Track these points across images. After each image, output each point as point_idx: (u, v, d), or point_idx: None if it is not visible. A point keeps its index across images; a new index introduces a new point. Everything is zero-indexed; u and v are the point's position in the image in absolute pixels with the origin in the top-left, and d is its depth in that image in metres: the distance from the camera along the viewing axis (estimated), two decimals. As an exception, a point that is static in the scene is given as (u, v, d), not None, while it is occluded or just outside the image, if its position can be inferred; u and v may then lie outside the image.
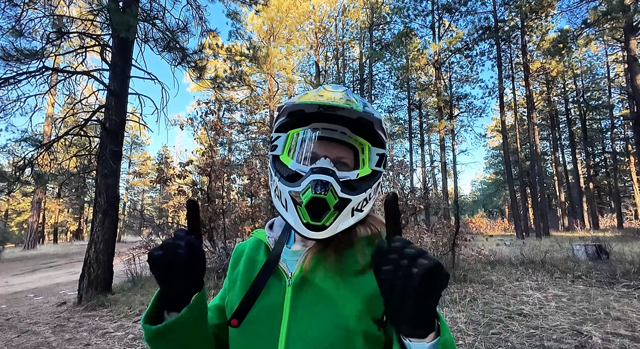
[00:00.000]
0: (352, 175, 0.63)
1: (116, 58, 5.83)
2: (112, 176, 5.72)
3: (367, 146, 0.66)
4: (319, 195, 0.58)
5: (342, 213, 0.61)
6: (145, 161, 35.07)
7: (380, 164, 0.67)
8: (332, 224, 0.61)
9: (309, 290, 0.62)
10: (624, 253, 7.03)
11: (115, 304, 4.88)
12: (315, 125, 0.66)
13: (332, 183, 0.59)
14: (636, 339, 2.95)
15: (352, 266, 0.63)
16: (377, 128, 0.66)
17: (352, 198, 0.61)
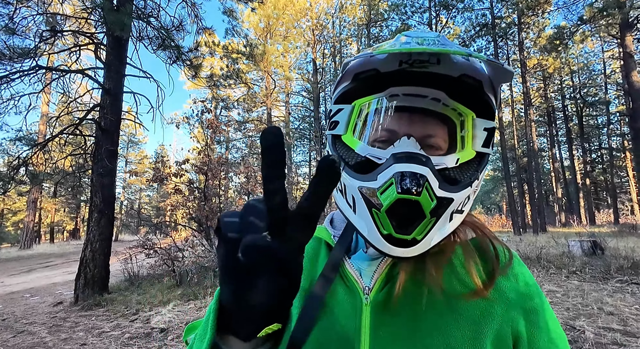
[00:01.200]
0: (450, 161, 0.44)
1: (111, 56, 5.79)
2: (108, 175, 5.70)
3: (471, 117, 0.45)
4: (410, 196, 0.39)
5: (441, 219, 0.42)
6: (142, 159, 34.98)
7: (489, 144, 0.46)
8: (425, 237, 0.42)
9: (398, 315, 0.44)
10: (619, 248, 7.09)
11: (112, 304, 4.88)
12: (394, 89, 0.45)
13: (428, 177, 0.40)
14: (628, 333, 2.98)
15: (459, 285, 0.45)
16: (488, 90, 0.45)
17: (454, 196, 0.42)
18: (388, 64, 0.45)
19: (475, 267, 0.46)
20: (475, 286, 0.44)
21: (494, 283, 0.45)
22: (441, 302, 0.44)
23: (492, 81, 0.45)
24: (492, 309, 0.43)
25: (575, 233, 13.61)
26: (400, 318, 0.44)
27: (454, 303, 0.44)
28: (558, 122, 28.37)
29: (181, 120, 9.75)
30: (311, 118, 23.31)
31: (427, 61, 0.43)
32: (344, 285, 0.49)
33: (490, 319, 0.43)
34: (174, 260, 6.43)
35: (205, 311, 3.27)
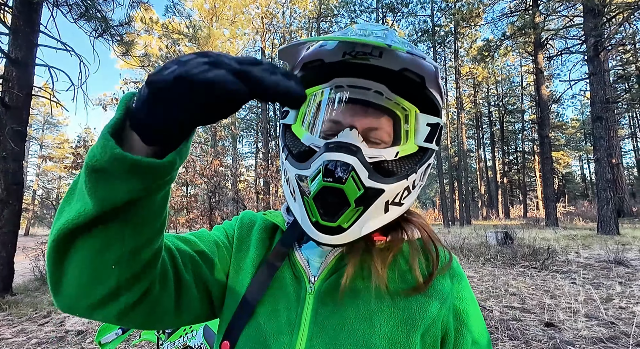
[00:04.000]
0: (389, 153, 0.45)
1: (19, 21, 4.95)
2: (14, 160, 4.92)
3: (414, 112, 0.46)
4: (334, 184, 0.41)
5: (370, 209, 0.43)
6: (62, 144, 30.87)
7: (432, 139, 0.47)
8: (352, 225, 0.43)
9: (340, 305, 0.45)
10: (524, 238, 8.20)
11: (17, 307, 4.27)
12: (337, 80, 0.46)
13: (355, 165, 0.41)
14: (524, 310, 3.49)
15: (401, 281, 0.47)
16: (431, 86, 0.46)
17: (385, 187, 0.43)
18: (333, 55, 0.45)
19: (418, 265, 0.48)
20: (416, 283, 0.46)
21: (432, 281, 0.47)
22: (383, 295, 0.45)
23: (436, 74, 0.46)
24: (428, 306, 0.46)
25: (493, 225, 15.42)
26: (341, 308, 0.45)
27: (395, 297, 0.46)
28: (484, 126, 31.68)
29: (111, 102, 8.81)
30: (258, 109, 22.76)
31: (370, 53, 0.44)
32: (291, 272, 0.50)
33: (424, 314, 0.45)
34: (98, 256, 5.84)
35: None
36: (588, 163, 37.13)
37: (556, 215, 13.97)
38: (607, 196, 9.96)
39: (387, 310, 0.45)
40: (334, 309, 0.45)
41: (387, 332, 0.43)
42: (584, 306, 3.45)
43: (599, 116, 10.39)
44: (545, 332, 2.88)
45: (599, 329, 2.89)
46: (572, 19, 13.56)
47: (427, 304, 0.45)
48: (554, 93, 23.55)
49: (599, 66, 10.54)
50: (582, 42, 11.92)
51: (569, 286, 4.27)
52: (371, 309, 0.45)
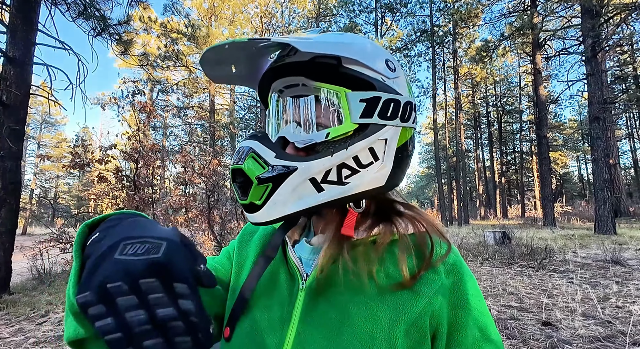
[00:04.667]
0: (319, 136, 0.46)
1: (16, 19, 4.93)
2: (12, 158, 4.90)
3: (343, 93, 0.46)
4: (235, 165, 0.46)
5: (283, 186, 0.44)
6: (60, 143, 30.73)
7: (371, 113, 0.46)
8: (266, 202, 0.45)
9: (329, 301, 0.47)
10: (522, 238, 8.24)
11: (14, 306, 4.26)
12: (275, 84, 0.51)
13: (255, 147, 0.45)
14: (522, 309, 3.50)
15: (390, 276, 0.47)
16: (349, 64, 0.46)
17: (298, 164, 0.44)
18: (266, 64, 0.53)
19: (407, 260, 0.47)
20: (402, 278, 0.46)
21: (421, 276, 0.47)
22: (371, 291, 0.46)
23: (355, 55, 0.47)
24: (415, 301, 0.45)
25: (491, 225, 15.48)
26: (330, 304, 0.46)
27: (382, 292, 0.46)
28: (482, 126, 31.77)
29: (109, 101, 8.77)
30: (257, 108, 22.74)
31: (286, 55, 0.49)
32: (286, 270, 0.52)
33: (409, 310, 0.45)
34: (96, 255, 5.82)
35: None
36: (585, 164, 37.31)
37: (554, 215, 14.03)
38: (605, 196, 10.01)
39: (373, 305, 0.45)
40: (323, 306, 0.46)
41: (371, 327, 0.43)
42: (581, 305, 3.47)
43: (597, 116, 10.43)
44: (542, 331, 2.90)
45: (596, 328, 2.91)
46: (570, 20, 13.61)
47: (413, 300, 0.45)
48: (551, 93, 23.63)
49: (596, 67, 10.58)
50: (579, 43, 11.96)
51: (567, 286, 4.29)
52: (358, 304, 0.45)
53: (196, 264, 0.31)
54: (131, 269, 0.27)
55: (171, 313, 0.27)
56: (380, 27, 21.70)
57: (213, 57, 0.49)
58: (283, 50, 0.50)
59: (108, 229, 0.35)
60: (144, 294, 0.27)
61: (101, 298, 0.27)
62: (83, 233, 0.38)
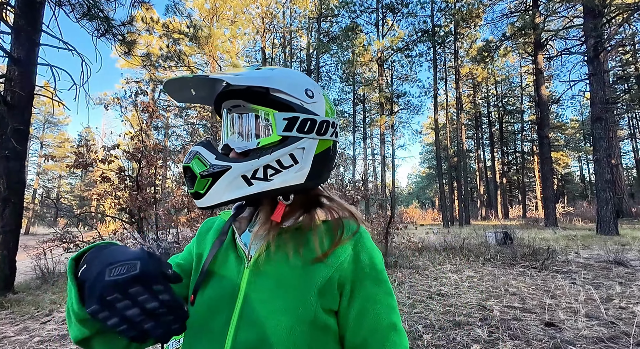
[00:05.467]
0: (252, 144, 0.62)
1: (21, 20, 4.96)
2: (16, 158, 4.92)
3: (272, 113, 0.62)
4: (185, 164, 0.62)
5: (221, 180, 0.59)
6: (63, 143, 30.82)
7: (291, 128, 0.61)
8: (208, 191, 0.60)
9: (266, 274, 0.61)
10: (524, 238, 8.23)
11: (18, 305, 4.28)
12: (224, 104, 0.67)
13: (200, 151, 0.61)
14: (525, 309, 3.50)
15: (309, 254, 0.62)
16: (275, 93, 0.62)
17: (231, 165, 0.59)
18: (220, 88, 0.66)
19: (321, 241, 0.63)
20: (316, 255, 0.61)
21: (333, 252, 0.62)
22: (297, 265, 0.61)
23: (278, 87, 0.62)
24: (326, 270, 0.61)
25: (492, 225, 15.46)
26: (267, 276, 0.61)
27: (305, 265, 0.61)
28: (483, 126, 31.72)
29: (112, 101, 8.80)
30: (258, 109, 22.68)
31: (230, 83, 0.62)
32: (235, 254, 0.66)
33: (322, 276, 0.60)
34: (99, 255, 5.83)
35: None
36: (587, 164, 37.21)
37: (555, 216, 14.00)
38: (607, 196, 9.99)
39: (297, 276, 0.60)
40: (262, 278, 0.61)
41: (296, 294, 0.58)
42: (584, 306, 3.47)
43: (599, 117, 10.41)
44: (545, 332, 2.90)
45: (599, 329, 2.91)
46: (572, 20, 13.58)
47: (324, 269, 0.60)
48: (553, 93, 23.58)
49: (598, 67, 10.56)
50: (582, 43, 11.94)
51: (569, 286, 4.29)
52: (288, 278, 0.60)
53: (164, 269, 0.44)
54: (120, 283, 0.40)
55: (156, 305, 0.40)
56: (382, 27, 21.70)
57: (174, 86, 0.65)
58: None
59: (92, 259, 0.46)
60: (134, 297, 0.40)
61: (104, 306, 0.39)
62: (72, 266, 0.51)
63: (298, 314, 0.57)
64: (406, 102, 25.07)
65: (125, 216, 7.18)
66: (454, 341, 2.78)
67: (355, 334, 0.60)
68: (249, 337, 0.56)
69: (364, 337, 0.59)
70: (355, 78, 24.21)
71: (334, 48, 21.06)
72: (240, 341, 0.57)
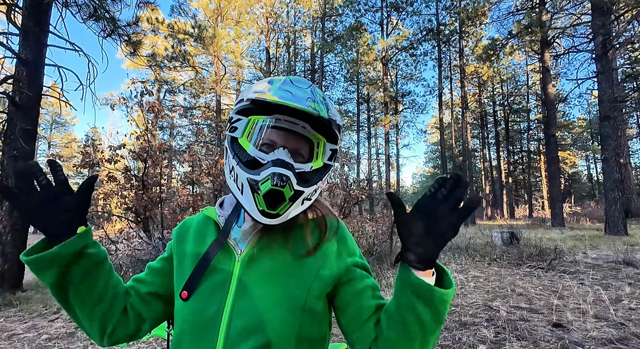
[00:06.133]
0: (307, 167, 0.67)
1: (29, 22, 5.01)
2: (24, 158, 4.98)
3: (323, 141, 0.70)
4: (279, 188, 0.62)
5: (296, 203, 0.66)
6: (70, 143, 31.18)
7: (331, 158, 0.72)
8: (285, 212, 0.65)
9: (257, 267, 0.66)
10: (530, 238, 8.15)
11: (27, 303, 4.33)
12: (278, 116, 0.68)
13: (291, 177, 0.63)
14: (532, 310, 3.47)
15: (299, 248, 0.68)
16: (334, 128, 0.70)
17: (305, 190, 0.65)
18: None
19: (310, 236, 0.70)
20: (307, 249, 0.68)
21: (320, 246, 0.69)
22: (288, 259, 0.67)
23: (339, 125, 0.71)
24: (315, 264, 0.67)
25: (498, 225, 15.33)
26: (256, 270, 0.66)
27: (296, 259, 0.67)
28: (489, 125, 31.46)
29: (117, 102, 8.87)
30: (263, 109, 22.71)
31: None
32: (224, 249, 0.70)
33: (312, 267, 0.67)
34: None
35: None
36: (595, 163, 36.75)
37: (562, 215, 13.85)
38: (615, 196, 9.85)
39: (288, 268, 0.66)
40: (252, 271, 0.66)
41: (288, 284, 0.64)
42: (592, 307, 3.43)
43: (607, 115, 10.27)
44: (553, 332, 2.87)
45: (608, 330, 2.87)
46: (580, 17, 13.41)
47: (314, 262, 0.67)
48: (560, 92, 23.34)
49: (607, 65, 10.41)
50: (589, 40, 11.78)
51: (577, 287, 4.24)
52: (279, 270, 0.66)
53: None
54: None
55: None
56: (386, 26, 21.61)
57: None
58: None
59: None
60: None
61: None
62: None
63: (289, 302, 0.63)
64: (411, 101, 24.95)
65: (131, 215, 7.24)
66: (460, 341, 2.76)
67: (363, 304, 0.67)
68: (243, 325, 0.61)
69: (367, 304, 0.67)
70: (359, 77, 24.14)
71: (338, 47, 21.01)
72: (234, 330, 0.61)
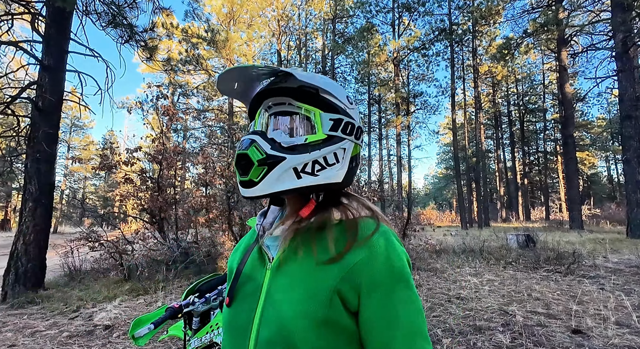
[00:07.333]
0: (300, 140, 0.64)
1: (51, 29, 5.21)
2: (46, 161, 5.17)
3: (318, 112, 0.65)
4: (241, 150, 0.62)
5: (275, 170, 0.61)
6: (88, 146, 32.08)
7: (336, 129, 0.65)
8: (262, 180, 0.62)
9: (283, 274, 0.63)
10: (547, 241, 7.95)
11: (48, 301, 4.48)
12: (266, 101, 0.68)
13: (256, 140, 0.62)
14: (550, 315, 3.38)
15: (324, 255, 0.62)
16: (323, 94, 0.66)
17: (286, 156, 0.61)
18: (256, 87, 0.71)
19: (335, 242, 0.62)
20: (332, 255, 0.61)
21: (348, 252, 0.61)
22: (311, 265, 0.62)
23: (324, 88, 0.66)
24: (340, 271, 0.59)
25: (513, 228, 14.98)
26: (282, 278, 0.63)
27: (318, 265, 0.61)
28: (503, 126, 30.82)
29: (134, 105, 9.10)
30: (274, 111, 22.89)
31: (279, 81, 0.67)
32: (260, 256, 0.69)
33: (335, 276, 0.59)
34: (122, 254, 6.04)
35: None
36: (615, 164, 35.50)
37: (581, 218, 13.44)
38: (638, 198, 9.51)
39: (309, 276, 0.61)
40: (281, 277, 0.63)
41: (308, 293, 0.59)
42: (614, 313, 3.32)
43: (629, 115, 9.94)
44: (572, 339, 2.79)
45: (631, 337, 2.77)
46: (599, 14, 13.03)
47: (338, 270, 0.59)
48: (578, 91, 22.68)
49: (628, 62, 10.08)
50: (609, 38, 11.44)
51: (598, 292, 4.11)
52: (302, 277, 0.61)
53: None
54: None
55: None
56: (398, 27, 21.48)
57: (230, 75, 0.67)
58: (279, 77, 0.67)
59: None
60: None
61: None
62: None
63: (310, 313, 0.57)
64: (423, 102, 24.69)
65: (146, 216, 7.40)
66: (475, 346, 2.72)
67: (377, 339, 0.58)
68: (269, 335, 0.60)
69: (386, 342, 0.57)
70: (370, 78, 24.04)
71: (349, 49, 20.99)
72: (262, 339, 0.60)
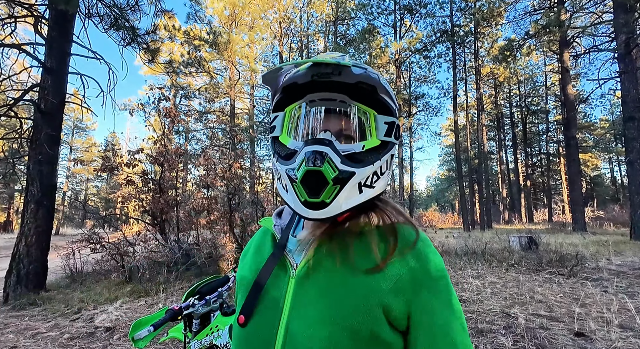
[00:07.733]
0: (357, 147, 0.57)
1: (53, 32, 5.25)
2: (48, 163, 5.19)
3: (372, 114, 0.58)
4: (314, 167, 0.52)
5: (346, 187, 0.54)
6: (90, 147, 32.26)
7: (390, 134, 0.59)
8: (333, 200, 0.54)
9: (313, 284, 0.56)
10: (550, 243, 7.90)
11: (50, 303, 4.49)
12: (310, 96, 0.58)
13: (329, 153, 0.53)
14: (552, 318, 3.35)
15: (363, 262, 0.55)
16: (382, 93, 0.58)
17: (356, 170, 0.54)
18: (304, 77, 0.57)
19: (376, 248, 0.56)
20: (374, 263, 0.54)
21: (390, 261, 0.55)
22: (347, 274, 0.54)
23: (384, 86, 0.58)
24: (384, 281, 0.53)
25: (516, 229, 14.93)
26: (312, 288, 0.55)
27: (357, 275, 0.54)
28: (505, 127, 30.75)
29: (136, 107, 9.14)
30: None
31: (331, 73, 0.56)
32: (282, 263, 0.61)
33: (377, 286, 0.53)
34: (124, 255, 6.05)
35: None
36: (619, 166, 35.33)
37: (584, 220, 13.37)
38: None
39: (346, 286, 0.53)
40: (308, 287, 0.56)
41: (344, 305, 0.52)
42: (617, 316, 3.29)
43: (631, 116, 9.89)
44: (575, 342, 2.76)
45: (635, 340, 2.75)
46: (601, 16, 13.00)
47: (381, 281, 0.53)
48: (581, 92, 22.60)
49: (630, 64, 10.05)
50: (612, 40, 11.41)
51: (601, 295, 4.08)
52: (336, 287, 0.54)
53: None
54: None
55: None
56: (399, 28, 21.50)
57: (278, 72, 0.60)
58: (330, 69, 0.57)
59: None
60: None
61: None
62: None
63: (346, 328, 0.51)
64: (424, 103, 24.65)
65: (147, 218, 7.41)
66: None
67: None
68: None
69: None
70: (372, 80, 23.99)
71: (351, 51, 21.02)
72: None
